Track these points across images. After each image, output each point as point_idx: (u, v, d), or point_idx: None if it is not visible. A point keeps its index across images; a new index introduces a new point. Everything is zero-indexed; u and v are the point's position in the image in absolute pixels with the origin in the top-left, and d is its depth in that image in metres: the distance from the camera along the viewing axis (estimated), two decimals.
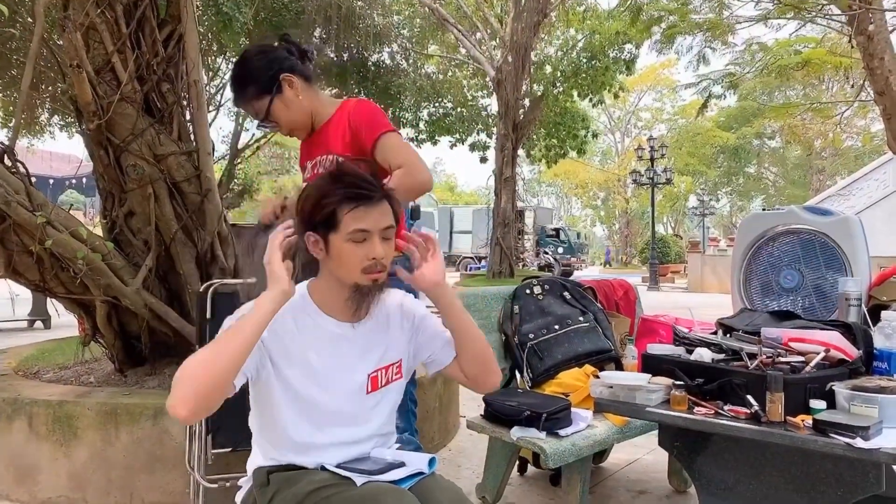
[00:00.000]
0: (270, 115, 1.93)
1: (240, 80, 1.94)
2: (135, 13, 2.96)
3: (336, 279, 1.37)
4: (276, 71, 1.90)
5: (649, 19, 11.08)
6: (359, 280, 1.35)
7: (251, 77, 1.91)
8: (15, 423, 2.58)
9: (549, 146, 19.54)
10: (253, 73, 1.91)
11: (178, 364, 2.43)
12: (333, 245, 1.33)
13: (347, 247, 1.32)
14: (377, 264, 1.34)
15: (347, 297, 1.38)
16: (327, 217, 1.32)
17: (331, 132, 1.95)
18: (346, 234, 1.31)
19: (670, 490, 2.82)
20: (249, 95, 1.91)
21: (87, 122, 2.90)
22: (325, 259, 1.37)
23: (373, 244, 1.32)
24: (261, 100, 1.91)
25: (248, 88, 1.91)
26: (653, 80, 39.64)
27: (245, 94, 1.93)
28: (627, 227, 43.45)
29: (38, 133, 11.58)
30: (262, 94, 1.90)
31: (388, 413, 1.48)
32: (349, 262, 1.33)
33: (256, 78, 1.90)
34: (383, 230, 1.34)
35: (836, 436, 1.43)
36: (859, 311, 2.17)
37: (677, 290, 19.55)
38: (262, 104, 1.91)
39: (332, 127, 1.96)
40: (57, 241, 2.67)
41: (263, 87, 1.90)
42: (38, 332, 7.79)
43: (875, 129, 26.08)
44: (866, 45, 6.78)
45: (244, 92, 1.93)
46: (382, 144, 1.87)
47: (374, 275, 1.34)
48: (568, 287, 2.85)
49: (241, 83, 1.93)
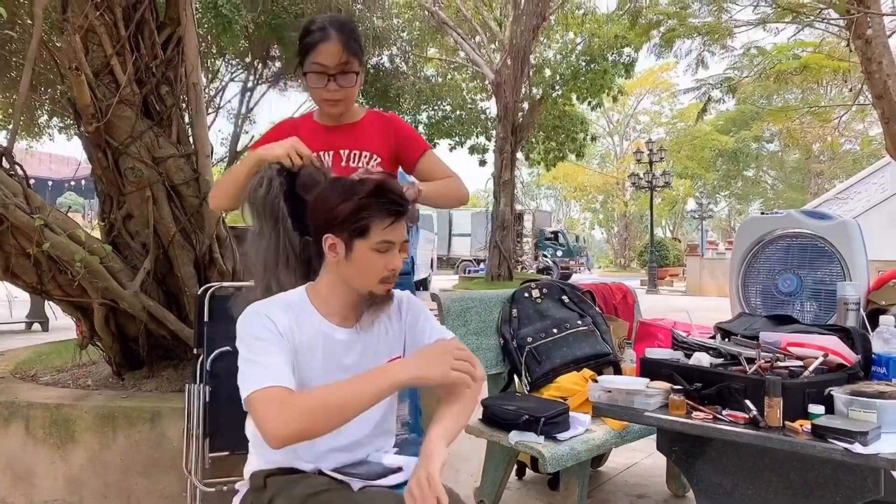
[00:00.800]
0: (355, 85, 1.91)
1: (357, 41, 1.89)
2: (134, 16, 2.96)
3: (345, 284, 1.37)
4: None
5: (648, 23, 11.11)
6: (375, 289, 1.36)
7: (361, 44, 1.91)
8: (12, 427, 2.57)
9: (548, 149, 19.55)
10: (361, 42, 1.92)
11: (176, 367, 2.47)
12: (357, 251, 1.33)
13: (372, 255, 1.33)
14: (393, 275, 1.37)
15: (355, 303, 1.38)
16: (361, 225, 1.32)
17: (370, 134, 1.97)
18: (374, 243, 1.32)
19: (668, 494, 2.82)
20: (358, 56, 1.88)
21: (85, 125, 2.90)
22: (340, 263, 1.36)
23: (394, 255, 1.35)
24: (360, 66, 1.90)
25: (360, 51, 1.89)
26: (651, 84, 39.70)
27: (357, 53, 1.87)
28: (626, 230, 43.49)
29: (36, 135, 11.57)
30: (361, 64, 1.91)
31: (385, 413, 1.48)
32: (371, 271, 1.34)
33: (362, 48, 1.93)
34: (402, 243, 1.39)
35: (835, 441, 1.42)
36: (858, 316, 2.17)
37: (676, 294, 19.55)
38: (358, 70, 1.89)
39: (369, 129, 1.98)
40: (55, 244, 2.66)
41: (362, 57, 1.92)
42: (35, 335, 7.78)
43: (873, 132, 26.14)
44: (864, 49, 6.80)
45: (358, 50, 1.88)
46: (428, 158, 2.01)
47: (388, 285, 1.38)
48: (566, 290, 2.85)
49: (358, 44, 1.89)
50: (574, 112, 19.05)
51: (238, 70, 14.78)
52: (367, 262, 1.33)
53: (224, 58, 12.98)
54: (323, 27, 1.82)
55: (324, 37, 1.80)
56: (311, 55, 1.83)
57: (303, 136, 1.89)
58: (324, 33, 1.81)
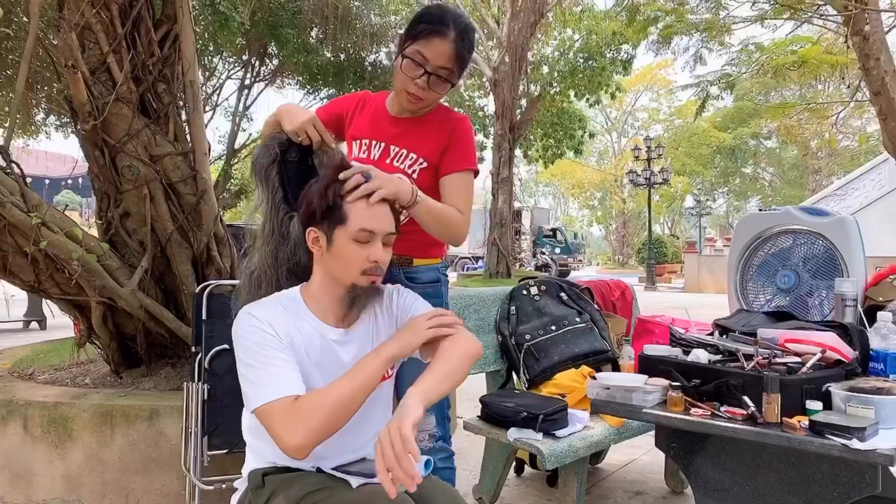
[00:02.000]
0: (444, 94, 1.79)
1: (471, 51, 1.75)
2: (130, 13, 2.95)
3: (331, 279, 1.37)
4: None
5: (646, 19, 11.09)
6: (357, 281, 1.35)
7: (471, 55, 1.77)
8: (10, 425, 2.57)
9: (546, 146, 19.57)
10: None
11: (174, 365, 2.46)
12: (337, 241, 1.34)
13: (352, 246, 1.33)
14: (376, 268, 1.35)
15: (341, 297, 1.37)
16: (336, 209, 1.33)
17: (429, 134, 1.78)
18: (352, 231, 1.32)
19: (667, 491, 2.82)
20: (464, 67, 1.75)
21: (82, 123, 2.89)
22: (324, 257, 1.37)
23: (375, 247, 1.34)
24: (458, 78, 1.77)
25: (467, 63, 1.76)
26: (649, 81, 39.73)
27: (464, 64, 1.74)
28: (624, 227, 43.51)
29: (33, 133, 11.55)
30: (461, 76, 1.79)
31: (382, 410, 1.49)
32: (352, 261, 1.34)
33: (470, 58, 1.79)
34: (386, 235, 1.36)
35: (833, 437, 1.43)
36: (855, 312, 2.17)
37: (674, 291, 19.58)
38: (455, 83, 1.77)
39: (429, 128, 1.79)
40: (52, 242, 2.66)
41: (465, 69, 1.80)
42: (33, 334, 7.77)
43: (871, 129, 26.18)
44: (862, 45, 6.79)
45: (466, 61, 1.74)
46: (459, 178, 1.77)
47: (372, 277, 1.35)
48: (564, 288, 2.85)
49: (470, 54, 1.75)
50: (572, 109, 19.06)
51: (235, 67, 14.77)
52: (347, 252, 1.33)
53: (221, 55, 12.97)
54: (444, 20, 1.65)
55: (440, 32, 1.65)
56: (418, 42, 1.66)
57: (366, 115, 1.82)
58: (442, 29, 1.65)
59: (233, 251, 3.21)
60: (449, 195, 1.73)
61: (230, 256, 3.18)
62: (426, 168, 1.76)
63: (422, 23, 1.66)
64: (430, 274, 1.80)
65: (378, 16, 13.31)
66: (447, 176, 1.76)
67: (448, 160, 1.76)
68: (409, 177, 1.72)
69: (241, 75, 14.84)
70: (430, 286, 1.78)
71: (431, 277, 1.80)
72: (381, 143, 1.78)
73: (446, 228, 1.69)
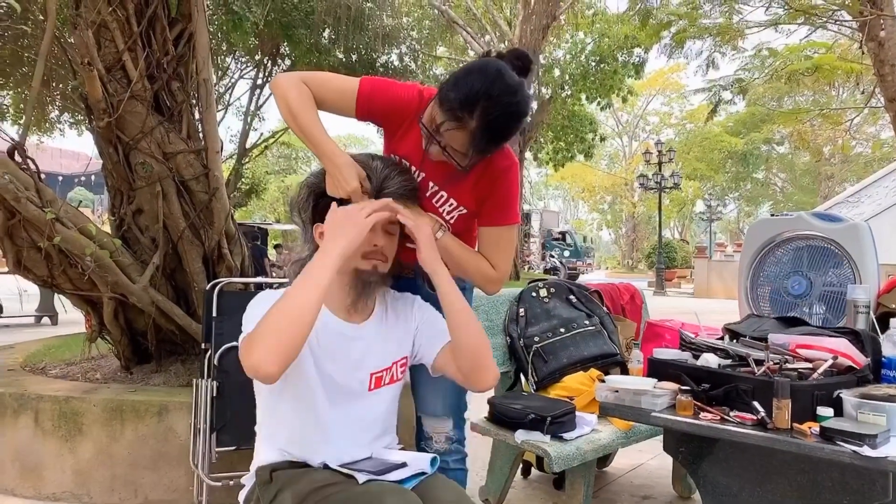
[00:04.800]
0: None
1: (505, 140, 1.49)
2: (146, 11, 2.98)
3: (339, 270, 1.39)
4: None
5: (659, 23, 11.07)
6: (358, 264, 1.40)
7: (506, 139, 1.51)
8: (21, 419, 2.59)
9: (557, 149, 19.54)
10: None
11: (184, 362, 2.48)
12: None
13: None
14: (378, 252, 1.40)
15: (347, 286, 1.41)
16: (338, 202, 1.40)
17: (470, 181, 1.57)
18: None
19: (674, 496, 2.81)
20: (496, 145, 1.51)
21: (96, 120, 2.92)
22: None
23: (376, 232, 1.39)
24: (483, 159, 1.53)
25: (496, 148, 1.52)
26: (661, 85, 39.57)
27: (492, 149, 1.51)
28: (634, 231, 43.36)
29: (48, 130, 11.66)
30: (490, 153, 1.53)
31: (387, 409, 1.50)
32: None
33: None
34: (385, 223, 1.41)
35: (843, 444, 1.41)
36: (868, 319, 2.15)
37: (683, 295, 19.48)
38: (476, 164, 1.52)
39: (470, 175, 1.55)
40: (65, 238, 2.68)
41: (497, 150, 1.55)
42: (45, 329, 7.83)
43: (885, 135, 25.95)
44: (877, 51, 6.75)
45: (495, 149, 1.52)
46: (500, 233, 1.62)
47: (374, 260, 1.40)
48: (574, 290, 2.84)
49: (503, 142, 1.50)
50: (583, 112, 19.03)
51: (248, 67, 14.85)
52: None
53: (234, 55, 13.05)
54: (470, 105, 1.36)
55: (459, 120, 1.38)
56: (443, 122, 1.41)
57: (414, 133, 1.56)
58: (463, 116, 1.38)
59: (243, 249, 3.22)
60: (486, 246, 1.63)
61: (241, 254, 3.19)
62: (465, 214, 1.62)
63: (451, 93, 1.38)
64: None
65: (390, 17, 13.36)
66: (487, 228, 1.63)
67: (489, 213, 1.61)
68: (447, 222, 1.60)
69: (254, 75, 14.93)
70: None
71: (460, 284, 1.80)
72: (422, 174, 1.59)
73: (469, 275, 1.62)
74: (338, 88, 1.55)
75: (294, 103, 1.49)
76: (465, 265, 1.59)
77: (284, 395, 1.38)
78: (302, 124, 1.49)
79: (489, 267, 1.61)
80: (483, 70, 1.39)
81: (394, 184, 1.45)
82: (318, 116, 1.52)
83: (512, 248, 1.67)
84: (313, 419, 1.39)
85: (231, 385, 2.25)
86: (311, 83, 1.52)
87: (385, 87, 1.57)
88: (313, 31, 11.61)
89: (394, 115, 1.58)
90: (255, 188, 20.76)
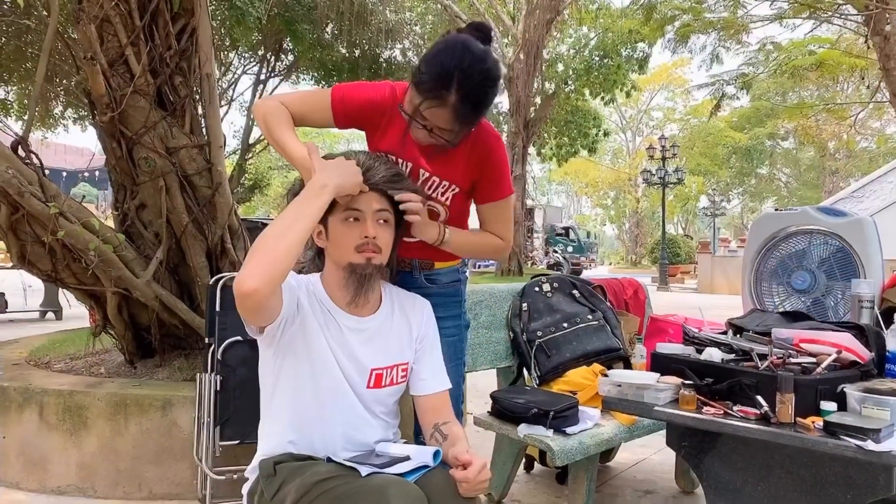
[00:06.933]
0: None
1: (486, 108, 1.53)
2: (148, 6, 2.97)
3: (335, 266, 1.44)
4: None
5: (663, 18, 11.03)
6: (352, 259, 1.41)
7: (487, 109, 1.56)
8: (26, 413, 2.61)
9: (560, 144, 19.51)
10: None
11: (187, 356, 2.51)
12: (332, 228, 1.43)
13: (343, 227, 1.41)
14: (370, 243, 1.41)
15: (345, 281, 1.43)
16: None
17: (459, 157, 1.61)
18: (340, 213, 1.41)
19: (677, 490, 2.81)
20: (474, 125, 1.56)
21: (100, 115, 2.92)
22: (328, 248, 1.46)
23: (366, 224, 1.41)
24: (470, 131, 1.57)
25: (479, 118, 1.55)
26: (665, 79, 39.42)
27: (474, 124, 1.55)
28: (637, 226, 43.25)
29: (51, 126, 11.66)
30: (475, 125, 1.56)
31: (389, 404, 1.52)
32: (344, 241, 1.41)
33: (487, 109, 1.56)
34: (377, 212, 1.42)
35: (847, 438, 1.41)
36: (872, 314, 2.14)
37: (687, 291, 19.45)
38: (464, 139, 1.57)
39: (458, 154, 1.59)
40: (69, 232, 2.69)
41: (478, 120, 1.58)
42: (49, 323, 7.86)
43: (890, 130, 25.88)
44: (883, 45, 6.72)
45: (477, 120, 1.54)
46: (499, 205, 1.70)
47: (367, 253, 1.41)
48: (577, 285, 2.84)
49: (483, 112, 1.53)
50: (587, 107, 18.99)
51: (251, 62, 14.83)
52: (341, 233, 1.41)
53: (237, 50, 13.02)
54: (446, 81, 1.40)
55: (439, 97, 1.41)
56: (418, 96, 1.44)
57: (395, 128, 1.59)
58: (441, 94, 1.41)
59: (247, 244, 3.23)
60: (488, 222, 1.72)
61: (244, 249, 3.20)
62: (459, 193, 1.67)
63: (425, 75, 1.42)
64: (450, 275, 1.81)
65: (393, 12, 13.33)
66: (485, 205, 1.70)
67: (484, 191, 1.68)
68: (444, 205, 1.67)
69: (257, 70, 14.92)
70: (449, 286, 1.80)
71: (451, 278, 1.82)
72: (409, 164, 1.62)
73: (484, 254, 1.77)
74: (314, 102, 1.62)
75: (271, 122, 1.55)
76: (479, 248, 1.74)
77: (286, 388, 1.41)
78: (276, 139, 1.55)
79: (497, 239, 1.73)
80: (450, 46, 1.44)
81: (378, 172, 1.45)
82: (292, 131, 1.56)
83: (511, 216, 1.78)
84: (315, 411, 1.41)
85: (234, 379, 2.25)
86: (289, 103, 1.58)
87: (355, 90, 1.62)
88: (316, 26, 11.59)
89: (370, 114, 1.62)
90: (259, 184, 20.78)
